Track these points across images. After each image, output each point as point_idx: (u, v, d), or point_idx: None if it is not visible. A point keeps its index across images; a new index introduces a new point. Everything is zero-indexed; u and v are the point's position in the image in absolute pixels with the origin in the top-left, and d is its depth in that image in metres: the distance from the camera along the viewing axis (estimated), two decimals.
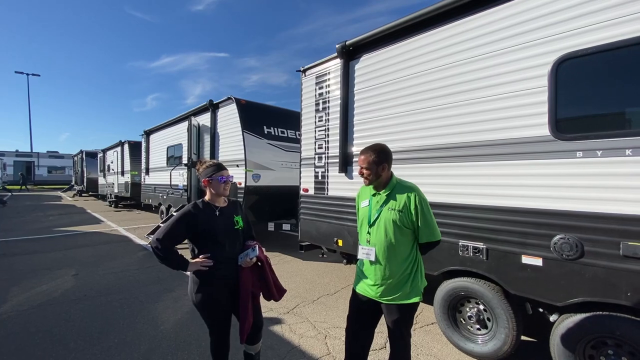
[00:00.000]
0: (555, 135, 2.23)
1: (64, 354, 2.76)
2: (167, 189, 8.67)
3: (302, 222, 4.45)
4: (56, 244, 7.07)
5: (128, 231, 8.70)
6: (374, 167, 1.93)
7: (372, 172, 1.94)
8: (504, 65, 2.51)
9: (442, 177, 2.89)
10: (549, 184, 2.27)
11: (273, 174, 6.39)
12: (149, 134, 10.52)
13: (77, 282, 4.57)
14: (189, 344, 2.92)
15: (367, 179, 1.97)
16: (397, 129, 3.26)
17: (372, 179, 1.96)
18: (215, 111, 6.94)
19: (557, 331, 2.28)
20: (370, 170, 1.94)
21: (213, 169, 2.11)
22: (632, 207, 1.95)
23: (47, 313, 3.55)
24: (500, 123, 2.52)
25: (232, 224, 2.11)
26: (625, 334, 2.00)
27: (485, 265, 2.61)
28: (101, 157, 17.40)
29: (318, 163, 4.23)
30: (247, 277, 2.06)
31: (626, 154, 1.98)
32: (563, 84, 2.22)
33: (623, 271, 1.97)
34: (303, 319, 3.46)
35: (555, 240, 2.22)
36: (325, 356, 2.75)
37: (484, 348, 2.66)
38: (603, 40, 2.06)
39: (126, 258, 5.90)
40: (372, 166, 1.93)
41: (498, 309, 2.56)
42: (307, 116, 4.41)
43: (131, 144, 13.05)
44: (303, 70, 4.48)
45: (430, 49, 3.00)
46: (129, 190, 12.78)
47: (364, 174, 1.97)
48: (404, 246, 1.91)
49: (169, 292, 4.16)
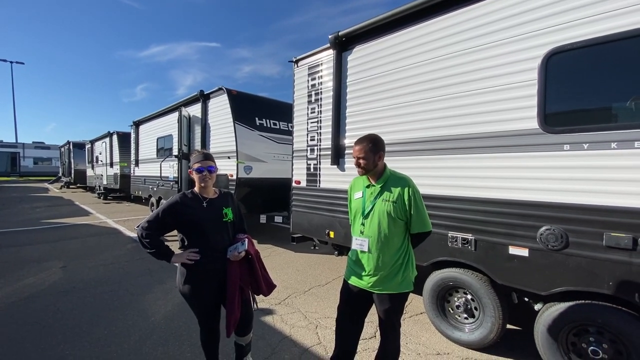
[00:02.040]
0: (544, 128, 2.26)
1: (52, 345, 2.74)
2: (158, 180, 8.56)
3: (294, 214, 4.46)
4: (43, 236, 6.95)
5: (117, 223, 8.59)
6: (371, 156, 1.95)
7: (369, 161, 1.95)
8: (495, 58, 2.52)
9: (432, 169, 2.92)
10: (537, 177, 2.31)
11: (265, 166, 6.35)
12: (139, 125, 10.32)
13: (65, 274, 4.51)
14: (180, 334, 2.92)
15: (364, 168, 1.97)
16: (389, 121, 3.27)
17: (370, 167, 1.97)
18: (206, 102, 6.83)
19: (542, 319, 2.34)
20: (367, 159, 1.95)
21: (195, 159, 2.09)
22: (616, 199, 2.00)
23: (35, 305, 3.50)
24: (490, 116, 2.54)
25: (220, 216, 2.08)
26: (607, 322, 2.07)
27: (473, 255, 2.65)
28: (89, 148, 17.04)
29: (310, 155, 4.21)
30: (235, 270, 2.04)
31: (611, 147, 2.02)
32: (553, 78, 2.25)
33: (605, 261, 2.03)
34: (294, 310, 3.49)
35: (542, 232, 2.27)
36: (316, 345, 2.79)
37: (471, 336, 2.73)
38: (591, 35, 2.09)
39: (116, 250, 5.84)
40: (369, 155, 1.94)
41: (485, 298, 2.62)
42: (300, 108, 4.38)
43: (120, 134, 12.80)
44: (295, 61, 4.43)
45: (421, 42, 3.00)
46: (118, 182, 12.58)
47: (361, 164, 1.96)
48: (397, 237, 1.93)
49: (160, 284, 4.15)
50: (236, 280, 2.03)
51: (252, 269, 2.12)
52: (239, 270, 2.06)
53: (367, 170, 1.98)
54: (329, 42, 3.75)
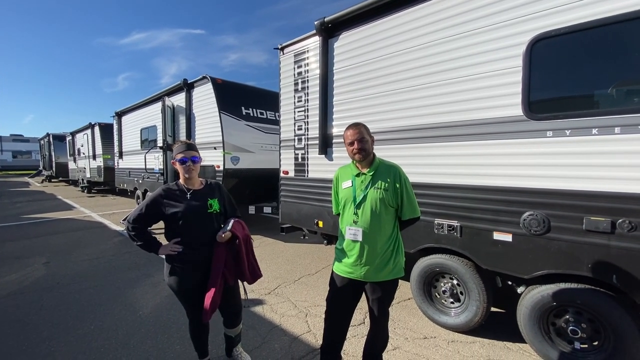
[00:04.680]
0: (528, 115, 2.29)
1: (37, 342, 2.69)
2: (143, 173, 8.37)
3: (283, 205, 4.44)
4: (25, 231, 6.75)
5: (103, 217, 8.41)
6: (369, 139, 1.95)
7: (368, 143, 1.93)
8: (481, 44, 2.51)
9: (419, 157, 2.93)
10: (520, 163, 2.35)
11: (252, 157, 6.28)
12: (121, 116, 10.01)
13: (48, 270, 4.40)
14: (168, 327, 2.91)
15: (365, 150, 1.92)
16: (376, 109, 3.24)
17: (370, 151, 1.95)
18: (190, 91, 6.65)
19: (524, 302, 2.42)
20: (367, 142, 1.93)
21: (177, 149, 2.06)
22: (596, 184, 2.05)
23: (18, 302, 3.42)
24: (476, 103, 2.55)
25: (204, 207, 2.05)
26: (585, 302, 2.15)
27: (459, 242, 2.70)
28: (70, 141, 16.47)
29: (298, 145, 4.17)
30: (220, 254, 2.02)
31: (592, 133, 2.06)
32: (537, 64, 2.26)
33: (585, 244, 2.09)
34: (284, 299, 3.51)
35: (525, 217, 2.32)
36: (306, 333, 2.82)
37: (456, 320, 2.80)
38: (577, 20, 2.10)
39: (101, 244, 5.73)
40: (367, 138, 1.94)
41: (470, 283, 2.68)
42: (286, 96, 4.31)
43: (102, 126, 12.41)
44: (281, 48, 4.33)
45: (406, 28, 2.96)
46: (102, 175, 12.27)
47: (358, 147, 1.91)
48: (388, 224, 1.94)
49: (147, 278, 4.10)
50: (219, 265, 2.00)
51: (238, 252, 2.07)
52: (224, 255, 2.03)
53: (367, 154, 1.94)
54: (314, 28, 3.67)
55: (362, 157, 1.95)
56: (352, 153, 1.97)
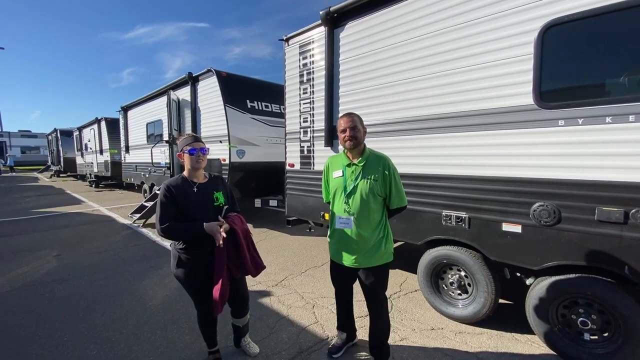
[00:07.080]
0: (539, 104, 2.23)
1: (49, 332, 2.74)
2: (149, 167, 8.44)
3: (289, 197, 4.44)
4: (35, 225, 6.86)
5: (111, 211, 8.51)
6: (361, 128, 2.03)
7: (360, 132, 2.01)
8: (492, 32, 2.44)
9: (427, 148, 2.88)
10: (531, 153, 2.30)
11: (258, 150, 6.27)
12: (127, 110, 10.06)
13: (59, 262, 4.48)
14: (177, 318, 2.94)
15: (356, 138, 2.00)
16: (383, 100, 3.19)
17: (361, 140, 2.03)
18: (195, 84, 6.64)
19: (533, 293, 2.40)
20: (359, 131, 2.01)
21: (184, 142, 2.04)
22: (609, 174, 2.00)
23: (30, 294, 3.48)
24: (485, 92, 2.50)
25: (210, 200, 2.05)
26: (596, 294, 2.13)
27: (467, 233, 2.68)
28: (77, 136, 16.63)
29: (303, 137, 4.15)
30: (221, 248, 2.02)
31: (606, 122, 2.00)
32: (549, 52, 2.20)
33: (596, 235, 2.06)
34: (291, 291, 3.53)
35: (535, 208, 2.28)
36: (314, 324, 2.83)
37: (464, 312, 2.79)
38: (590, 5, 2.03)
39: (110, 238, 5.80)
40: (359, 127, 2.02)
41: (478, 274, 2.66)
42: (291, 88, 4.28)
43: (108, 121, 12.47)
44: (286, 40, 4.28)
45: (415, 16, 2.90)
46: (110, 170, 12.38)
47: (350, 135, 1.99)
48: (377, 213, 2.05)
49: (156, 270, 4.14)
50: (222, 258, 2.01)
51: (238, 246, 2.07)
52: (225, 248, 2.03)
53: (358, 143, 2.02)
54: (320, 18, 3.62)
55: (353, 145, 2.02)
56: (343, 140, 2.05)
